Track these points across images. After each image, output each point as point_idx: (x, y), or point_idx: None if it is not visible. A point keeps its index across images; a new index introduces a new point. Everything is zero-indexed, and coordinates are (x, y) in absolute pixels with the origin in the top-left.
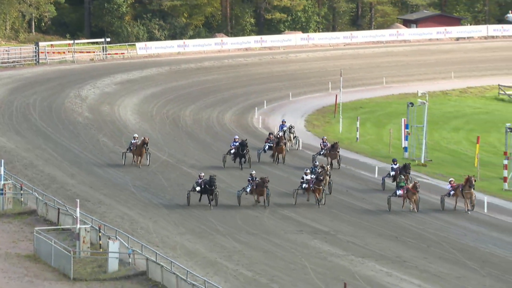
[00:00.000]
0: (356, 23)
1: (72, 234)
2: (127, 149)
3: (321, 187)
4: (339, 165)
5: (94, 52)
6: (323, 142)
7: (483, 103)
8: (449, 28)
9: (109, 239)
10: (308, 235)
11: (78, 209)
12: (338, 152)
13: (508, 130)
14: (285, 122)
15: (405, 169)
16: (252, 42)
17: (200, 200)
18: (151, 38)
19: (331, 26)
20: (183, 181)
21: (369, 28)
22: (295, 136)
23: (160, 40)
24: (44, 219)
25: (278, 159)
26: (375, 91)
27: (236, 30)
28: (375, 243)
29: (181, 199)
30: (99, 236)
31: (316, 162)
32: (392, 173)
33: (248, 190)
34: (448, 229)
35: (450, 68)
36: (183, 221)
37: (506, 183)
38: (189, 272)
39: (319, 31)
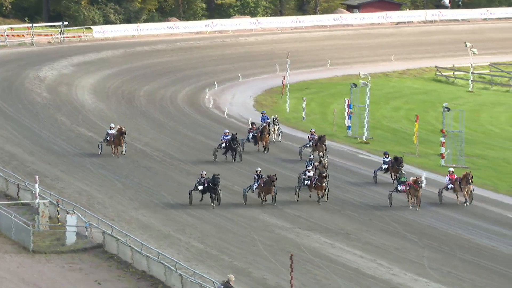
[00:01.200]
0: (302, 8)
1: (31, 208)
2: (104, 139)
3: (324, 184)
4: (326, 157)
5: (52, 35)
6: (311, 134)
7: (421, 84)
8: (389, 13)
9: (67, 213)
10: (256, 209)
11: (37, 185)
12: (325, 144)
13: (445, 109)
14: (265, 113)
15: (397, 162)
16: (203, 26)
17: (201, 199)
18: (107, 22)
19: (278, 11)
20: (138, 158)
21: (314, 13)
22: (279, 128)
23: (115, 24)
24: (5, 194)
25: (263, 148)
26: (320, 73)
27: (188, 15)
28: (320, 217)
29: (136, 175)
30: (58, 210)
31: (311, 156)
32: (384, 166)
33: (254, 188)
34: (389, 203)
35: (390, 51)
36: (138, 196)
37: (443, 159)
38: (143, 245)
39: (267, 16)
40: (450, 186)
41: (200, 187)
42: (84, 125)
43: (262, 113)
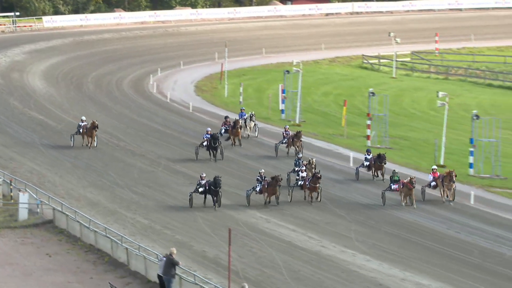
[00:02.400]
0: (239, 0)
1: None
2: (76, 132)
3: (317, 185)
4: (301, 153)
5: (4, 24)
6: (285, 131)
7: (349, 71)
8: (320, 5)
9: (19, 191)
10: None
11: None
12: (301, 140)
13: (371, 94)
14: (243, 110)
15: (379, 159)
16: (147, 16)
17: (205, 202)
18: (56, 12)
19: (217, 2)
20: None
21: (250, 5)
22: (255, 124)
23: (65, 14)
24: None
25: (235, 142)
26: (256, 61)
27: (132, 6)
28: (256, 194)
29: (85, 156)
30: (10, 188)
31: (299, 155)
32: (366, 163)
33: (258, 189)
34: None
35: (320, 40)
36: (86, 175)
37: (369, 141)
38: (91, 221)
39: (206, 7)
40: (433, 183)
41: (201, 189)
42: (35, 109)
43: (241, 110)
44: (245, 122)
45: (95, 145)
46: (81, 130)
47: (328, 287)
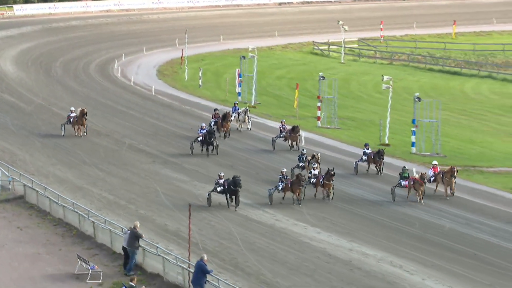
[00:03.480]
0: None
1: None
2: (66, 121)
3: (331, 182)
4: (298, 147)
5: None
6: (282, 125)
7: (301, 57)
8: None
9: None
10: (160, 165)
11: None
12: (299, 135)
13: (321, 78)
14: (237, 104)
15: (378, 154)
16: (111, 5)
17: (228, 203)
18: (27, 1)
19: None
20: (55, 121)
21: None
22: (249, 117)
23: (34, 3)
24: None
25: (225, 133)
26: (214, 47)
27: None
28: (214, 171)
29: (53, 135)
30: None
31: (303, 150)
32: (365, 157)
33: (280, 188)
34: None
35: (274, 28)
36: (55, 154)
37: (319, 121)
38: (60, 196)
39: None
40: (433, 178)
41: (219, 189)
42: (6, 92)
43: (234, 104)
44: (238, 116)
45: (85, 133)
46: (71, 120)
47: (281, 257)
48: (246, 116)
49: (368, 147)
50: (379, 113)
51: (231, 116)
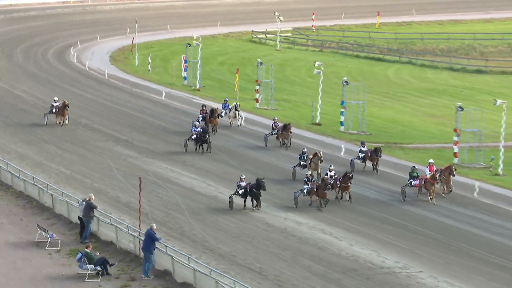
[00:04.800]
0: None
1: None
2: (49, 111)
3: (349, 185)
4: (289, 145)
5: None
6: (274, 122)
7: (240, 44)
8: None
9: None
10: (112, 143)
11: None
12: (291, 132)
13: (259, 64)
14: (226, 100)
15: (375, 152)
16: None
17: (245, 205)
18: None
19: None
20: (16, 102)
21: None
22: (239, 113)
23: None
24: None
25: (213, 129)
26: (162, 35)
27: None
28: (163, 148)
29: (15, 115)
30: None
31: (304, 149)
32: (361, 155)
33: (305, 191)
34: (223, 139)
35: (216, 18)
36: (17, 133)
37: (258, 103)
38: (21, 171)
39: None
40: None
41: (241, 191)
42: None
43: (224, 100)
44: (229, 112)
45: (67, 123)
46: (53, 110)
47: (224, 226)
48: (236, 111)
49: (364, 145)
50: (311, 95)
51: (222, 113)
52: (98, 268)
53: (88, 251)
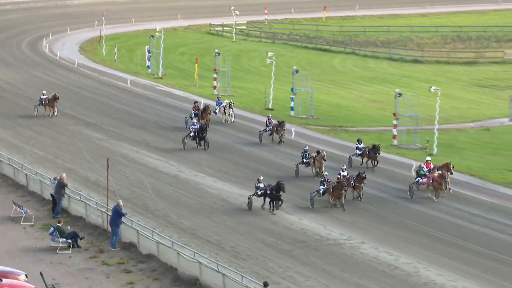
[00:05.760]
0: None
1: None
2: (39, 103)
3: (362, 184)
4: (283, 141)
5: None
6: (268, 119)
7: (200, 36)
8: None
9: None
10: (82, 126)
11: None
12: (284, 129)
13: (216, 54)
14: (220, 98)
15: (374, 150)
16: None
17: (263, 206)
18: None
19: None
20: None
21: None
22: (232, 110)
23: None
24: None
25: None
26: (127, 28)
27: None
28: (128, 131)
29: None
30: None
31: (306, 147)
32: (358, 152)
33: (321, 192)
34: (179, 120)
35: (177, 12)
36: None
37: (216, 90)
38: None
39: None
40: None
41: (260, 192)
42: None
43: (218, 98)
44: (224, 110)
45: (56, 114)
46: (43, 102)
47: (184, 202)
48: (230, 108)
49: (360, 142)
50: (264, 83)
51: (216, 109)
52: (69, 241)
53: (60, 225)
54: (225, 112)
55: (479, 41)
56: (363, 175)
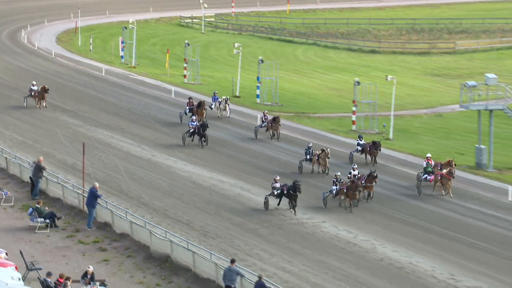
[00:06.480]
0: None
1: None
2: (28, 94)
3: (373, 184)
4: (278, 137)
5: None
6: (264, 115)
7: (170, 28)
8: None
9: None
10: (59, 113)
11: None
12: (280, 125)
13: (186, 45)
14: (216, 93)
15: (375, 146)
16: None
17: (279, 204)
18: None
19: None
20: None
21: None
22: (229, 106)
23: None
24: None
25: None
26: (102, 20)
27: None
28: (104, 117)
29: None
30: None
31: (310, 144)
32: (359, 148)
33: (334, 192)
34: (151, 106)
35: (149, 5)
36: None
37: (186, 79)
38: None
39: None
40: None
41: (276, 192)
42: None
43: (214, 93)
44: (219, 105)
45: (45, 105)
46: (32, 93)
47: (157, 185)
48: (226, 104)
49: (361, 139)
50: (231, 72)
51: (212, 105)
52: (47, 221)
53: (38, 206)
54: (220, 108)
55: (432, 33)
56: (375, 174)
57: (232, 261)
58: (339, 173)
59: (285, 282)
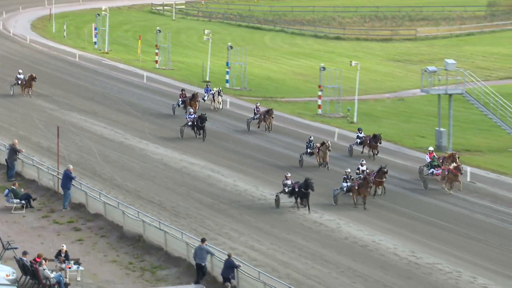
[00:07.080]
0: None
1: None
2: (15, 83)
3: (383, 180)
4: (270, 129)
5: None
6: (257, 107)
7: (142, 15)
8: None
9: None
10: (34, 97)
11: None
12: (272, 117)
13: (158, 31)
14: (209, 85)
15: (375, 139)
16: None
17: (296, 203)
18: None
19: None
20: None
21: None
22: (222, 98)
23: None
24: None
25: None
26: (76, 7)
27: None
28: (79, 102)
29: None
30: None
31: (311, 137)
32: (358, 141)
33: (345, 189)
34: (124, 91)
35: None
36: None
37: (157, 64)
38: None
39: None
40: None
41: (287, 189)
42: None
43: (206, 85)
44: (213, 97)
45: (30, 94)
46: (19, 82)
47: (129, 167)
48: (219, 96)
49: (361, 131)
50: (202, 58)
51: (205, 97)
52: (23, 202)
53: (14, 187)
54: (214, 99)
55: (394, 20)
56: (385, 170)
57: (203, 240)
58: (348, 170)
59: (254, 260)
